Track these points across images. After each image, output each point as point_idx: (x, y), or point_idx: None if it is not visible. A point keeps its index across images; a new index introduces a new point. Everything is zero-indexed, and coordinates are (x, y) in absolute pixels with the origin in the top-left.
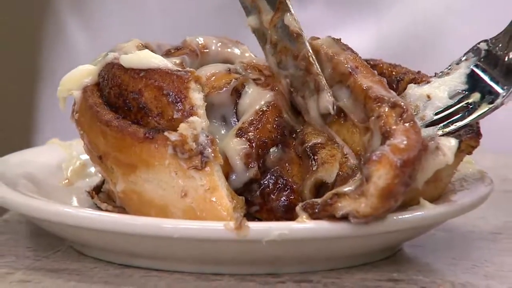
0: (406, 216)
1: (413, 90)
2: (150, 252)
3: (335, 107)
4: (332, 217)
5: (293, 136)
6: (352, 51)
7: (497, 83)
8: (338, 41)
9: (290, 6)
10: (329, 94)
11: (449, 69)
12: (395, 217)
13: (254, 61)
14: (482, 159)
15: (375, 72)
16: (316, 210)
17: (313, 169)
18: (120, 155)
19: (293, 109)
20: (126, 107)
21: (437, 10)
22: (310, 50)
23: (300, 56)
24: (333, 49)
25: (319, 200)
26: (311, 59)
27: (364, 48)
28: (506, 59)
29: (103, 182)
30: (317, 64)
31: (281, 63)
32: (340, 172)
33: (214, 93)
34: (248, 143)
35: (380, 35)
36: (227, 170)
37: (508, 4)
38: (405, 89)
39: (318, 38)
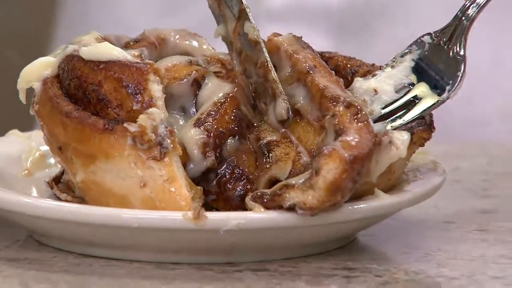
0: (361, 206)
1: (360, 84)
2: (110, 241)
3: (290, 113)
4: (280, 208)
5: (250, 129)
6: (312, 50)
7: (442, 77)
8: (299, 39)
9: (250, 15)
10: (284, 100)
11: (393, 61)
12: (350, 207)
13: (221, 56)
14: (434, 149)
15: (333, 72)
16: (265, 200)
17: (267, 166)
18: (79, 146)
19: (252, 104)
20: (86, 98)
21: None
22: (268, 58)
23: (259, 64)
24: (293, 47)
25: (268, 191)
26: (268, 66)
27: None
28: (451, 53)
29: (62, 172)
30: (274, 71)
31: (246, 71)
32: (293, 170)
33: (175, 83)
34: (206, 133)
35: None
36: (184, 160)
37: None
38: None
39: (280, 35)
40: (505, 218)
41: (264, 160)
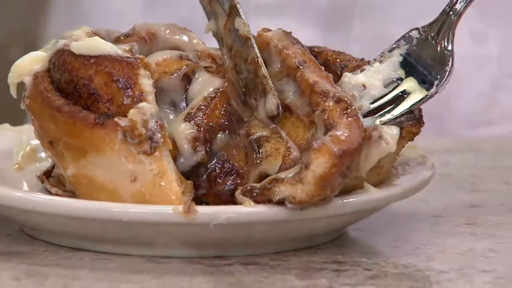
0: (351, 200)
1: (348, 79)
2: (100, 235)
3: (280, 108)
4: (269, 202)
5: (240, 125)
6: (302, 45)
7: (430, 72)
8: (288, 34)
9: (240, 10)
10: (274, 96)
11: (382, 56)
12: (339, 201)
13: (211, 51)
14: (423, 143)
15: (322, 67)
16: (255, 194)
17: (257, 161)
18: (70, 140)
19: (242, 99)
20: (77, 93)
21: None
22: (258, 54)
23: (249, 60)
24: (283, 42)
25: (258, 185)
26: (259, 62)
27: None
28: (438, 48)
29: (53, 166)
30: (264, 67)
31: (237, 67)
32: (283, 165)
33: (165, 78)
34: (196, 127)
35: None
36: (175, 154)
37: None
38: None
39: (270, 30)
40: (493, 212)
41: (254, 155)
